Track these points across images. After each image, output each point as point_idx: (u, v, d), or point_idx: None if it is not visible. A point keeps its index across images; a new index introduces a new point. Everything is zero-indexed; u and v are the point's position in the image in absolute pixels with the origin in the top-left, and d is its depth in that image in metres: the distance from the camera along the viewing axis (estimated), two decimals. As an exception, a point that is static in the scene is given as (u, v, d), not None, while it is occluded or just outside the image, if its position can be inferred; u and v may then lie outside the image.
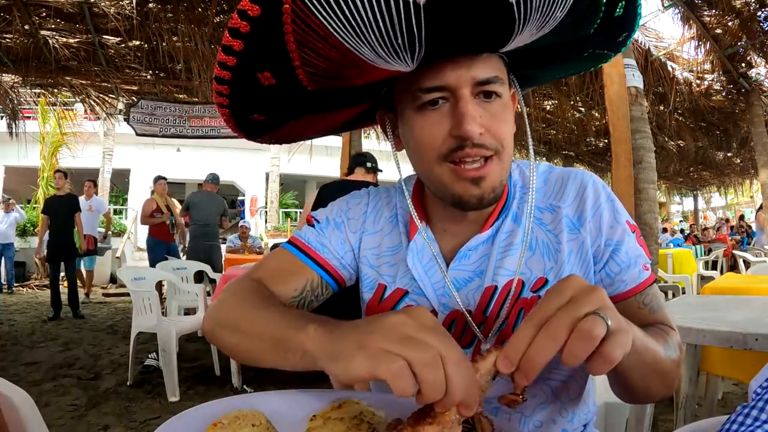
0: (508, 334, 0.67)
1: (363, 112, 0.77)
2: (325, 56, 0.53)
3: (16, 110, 6.61)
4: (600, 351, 0.41)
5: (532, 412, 0.69)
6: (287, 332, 0.53)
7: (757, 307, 1.52)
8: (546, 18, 0.52)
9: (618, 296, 0.67)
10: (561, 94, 6.91)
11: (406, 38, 0.50)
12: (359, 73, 0.57)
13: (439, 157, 0.62)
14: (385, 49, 0.51)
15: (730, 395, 2.75)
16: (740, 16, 5.22)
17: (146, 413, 2.69)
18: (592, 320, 0.41)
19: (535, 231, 0.70)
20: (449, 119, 0.60)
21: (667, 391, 0.62)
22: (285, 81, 0.57)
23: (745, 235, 12.18)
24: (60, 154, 11.47)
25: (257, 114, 0.65)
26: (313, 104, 0.65)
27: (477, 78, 0.59)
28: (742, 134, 8.79)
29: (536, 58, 0.66)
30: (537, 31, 0.55)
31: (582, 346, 0.41)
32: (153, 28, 4.80)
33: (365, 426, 0.50)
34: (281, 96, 0.61)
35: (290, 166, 13.35)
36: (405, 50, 0.52)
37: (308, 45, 0.51)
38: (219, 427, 0.48)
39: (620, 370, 0.54)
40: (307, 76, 0.56)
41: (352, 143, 4.83)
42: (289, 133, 0.74)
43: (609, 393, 1.73)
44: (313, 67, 0.55)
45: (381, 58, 0.53)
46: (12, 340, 4.52)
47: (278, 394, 0.60)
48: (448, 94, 0.60)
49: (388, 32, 0.49)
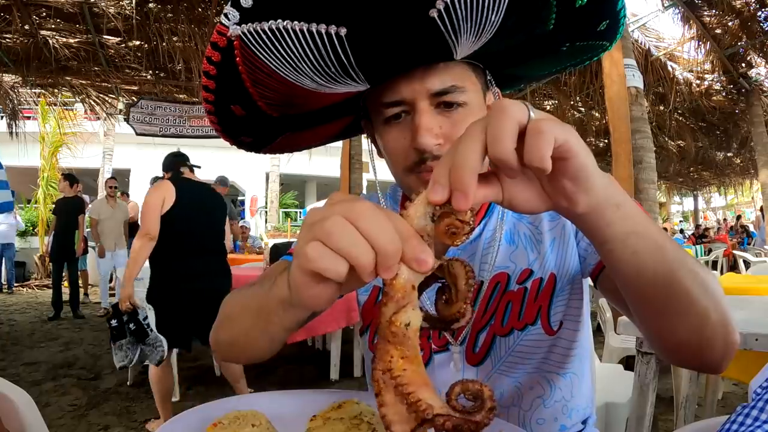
0: (497, 328, 0.68)
1: (352, 123, 0.79)
2: (276, 90, 0.59)
3: (16, 110, 6.62)
4: None
5: (530, 408, 0.69)
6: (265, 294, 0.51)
7: (757, 307, 1.52)
8: (480, 24, 0.52)
9: None
10: (561, 94, 6.91)
11: (338, 67, 0.53)
12: (314, 100, 0.62)
13: (404, 169, 0.63)
14: (324, 78, 0.55)
15: (730, 395, 2.75)
16: (740, 16, 5.23)
17: (146, 413, 2.69)
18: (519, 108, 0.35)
19: (517, 225, 0.71)
20: (410, 132, 0.61)
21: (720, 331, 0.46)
22: (252, 112, 0.64)
23: (744, 235, 12.18)
24: (60, 154, 11.47)
25: (243, 136, 0.72)
26: (289, 125, 0.71)
27: (431, 89, 0.59)
28: (742, 134, 8.80)
29: (508, 58, 0.66)
30: (477, 37, 0.54)
31: (530, 142, 0.34)
32: (153, 28, 4.80)
33: (365, 426, 0.50)
34: (255, 123, 0.67)
35: (290, 166, 13.34)
36: (343, 76, 0.55)
37: (260, 82, 0.57)
38: (219, 427, 0.48)
39: (627, 255, 0.42)
40: (268, 107, 0.63)
41: (352, 143, 4.84)
42: (286, 145, 0.79)
43: (609, 393, 1.73)
44: (269, 100, 0.61)
45: (324, 86, 0.57)
46: (12, 340, 4.52)
47: (278, 394, 0.60)
48: (408, 107, 0.61)
49: (320, 63, 0.53)
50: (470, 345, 0.69)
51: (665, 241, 0.44)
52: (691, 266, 0.45)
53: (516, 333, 0.68)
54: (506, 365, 0.68)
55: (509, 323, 0.68)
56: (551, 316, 0.68)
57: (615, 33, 0.64)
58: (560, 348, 0.69)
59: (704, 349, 0.48)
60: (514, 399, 0.69)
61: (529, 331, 0.68)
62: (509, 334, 0.68)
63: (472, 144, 0.35)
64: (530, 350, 0.68)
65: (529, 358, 0.68)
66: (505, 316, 0.68)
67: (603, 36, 0.64)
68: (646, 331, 0.52)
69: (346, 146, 4.88)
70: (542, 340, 0.68)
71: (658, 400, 1.38)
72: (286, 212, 16.73)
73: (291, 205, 17.73)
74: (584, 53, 0.70)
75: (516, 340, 0.68)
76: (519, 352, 0.68)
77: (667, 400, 2.49)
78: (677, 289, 0.44)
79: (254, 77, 0.56)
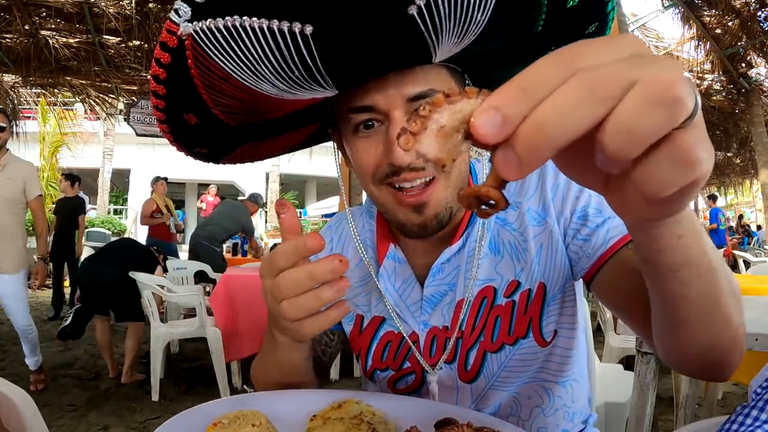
0: (487, 345, 0.65)
1: (320, 129, 0.73)
2: (232, 96, 0.52)
3: (16, 110, 6.62)
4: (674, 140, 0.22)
5: (529, 417, 0.67)
6: (275, 352, 0.59)
7: (757, 307, 1.52)
8: (464, 24, 0.46)
9: (606, 253, 0.59)
10: (561, 94, 6.91)
11: (302, 70, 0.47)
12: (274, 107, 0.56)
13: (376, 180, 0.59)
14: (286, 83, 0.49)
15: (730, 395, 2.75)
16: (740, 16, 5.23)
17: (146, 413, 2.69)
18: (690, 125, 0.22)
19: (501, 233, 0.67)
20: (382, 144, 0.57)
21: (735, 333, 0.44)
22: (207, 120, 0.57)
23: (745, 235, 12.18)
24: (60, 154, 11.48)
25: (199, 147, 0.65)
26: (249, 135, 0.64)
27: (408, 94, 0.55)
28: (742, 134, 8.79)
29: (488, 61, 0.61)
30: (460, 38, 0.49)
31: (667, 163, 0.22)
32: (153, 28, 4.80)
33: (365, 426, 0.50)
34: (211, 132, 0.60)
35: (290, 166, 13.35)
36: (308, 81, 0.49)
37: (214, 87, 0.51)
38: (219, 427, 0.48)
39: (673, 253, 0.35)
40: (225, 115, 0.56)
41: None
42: (247, 155, 0.72)
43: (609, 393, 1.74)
44: (225, 107, 0.55)
45: (286, 92, 0.51)
46: (12, 340, 4.51)
47: (278, 394, 0.60)
48: (381, 117, 0.56)
49: (282, 66, 0.47)
50: (461, 363, 0.66)
51: (717, 264, 0.39)
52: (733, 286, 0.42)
53: (507, 348, 0.65)
54: (500, 380, 0.66)
55: (499, 339, 0.65)
56: (543, 327, 0.64)
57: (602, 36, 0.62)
58: (557, 357, 0.66)
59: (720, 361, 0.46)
60: (512, 409, 0.67)
61: (521, 345, 0.64)
62: (500, 350, 0.65)
63: (588, 106, 0.21)
64: (524, 363, 0.65)
65: (523, 371, 0.66)
66: (495, 332, 0.65)
67: None
68: (660, 343, 0.48)
69: (346, 146, 4.88)
70: (536, 352, 0.65)
71: (658, 400, 1.38)
72: (286, 212, 16.68)
73: (291, 205, 17.71)
74: None
75: (508, 355, 0.65)
76: (512, 366, 0.65)
77: (667, 400, 2.49)
78: (717, 313, 0.41)
79: (208, 81, 0.50)
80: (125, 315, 3.21)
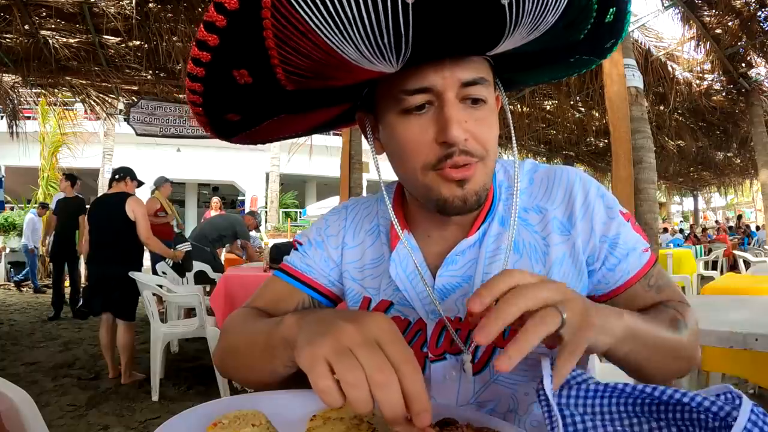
0: (498, 340, 0.65)
1: (343, 113, 0.74)
2: (306, 55, 0.49)
3: (16, 110, 6.62)
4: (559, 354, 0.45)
5: (526, 412, 0.67)
6: (271, 330, 0.57)
7: (757, 307, 1.52)
8: (537, 22, 0.50)
9: (622, 286, 0.66)
10: (561, 94, 6.92)
11: (393, 38, 0.47)
12: (340, 74, 0.55)
13: (425, 166, 0.60)
14: (370, 48, 0.48)
15: (730, 395, 2.75)
16: (740, 16, 5.23)
17: (146, 413, 2.69)
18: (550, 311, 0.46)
19: (522, 233, 0.68)
20: (434, 125, 0.58)
21: (687, 366, 0.62)
22: (262, 80, 0.54)
23: (744, 235, 12.19)
24: (60, 154, 11.47)
25: (232, 113, 0.61)
26: (290, 104, 0.62)
27: (462, 79, 0.57)
28: (742, 134, 8.80)
29: (523, 62, 0.64)
30: (527, 35, 0.53)
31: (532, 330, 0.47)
32: (153, 28, 4.80)
33: (365, 426, 0.50)
34: (258, 95, 0.57)
35: (290, 165, 13.34)
36: (390, 51, 0.49)
37: (288, 42, 0.48)
38: (219, 427, 0.48)
39: (625, 359, 0.55)
40: (286, 75, 0.53)
41: (352, 143, 4.83)
42: (264, 132, 0.71)
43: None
44: (292, 66, 0.52)
45: (365, 59, 0.51)
46: (12, 340, 4.52)
47: (278, 394, 0.60)
48: (433, 98, 0.58)
49: (374, 31, 0.46)
50: None
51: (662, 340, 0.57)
52: (684, 335, 0.60)
53: None
54: (504, 376, 0.66)
55: (511, 335, 0.66)
56: None
57: (610, 52, 0.67)
58: None
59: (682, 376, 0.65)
60: (510, 405, 0.68)
61: None
62: None
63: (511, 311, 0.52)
64: (530, 363, 0.65)
65: (527, 370, 0.66)
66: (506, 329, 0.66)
67: (605, 53, 0.66)
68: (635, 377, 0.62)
69: (346, 146, 4.88)
70: (544, 353, 0.64)
71: (658, 400, 1.38)
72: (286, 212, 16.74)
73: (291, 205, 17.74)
74: (581, 67, 0.70)
75: None
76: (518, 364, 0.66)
77: (667, 400, 2.49)
78: (673, 363, 0.61)
79: (284, 35, 0.47)
80: (124, 313, 3.22)
